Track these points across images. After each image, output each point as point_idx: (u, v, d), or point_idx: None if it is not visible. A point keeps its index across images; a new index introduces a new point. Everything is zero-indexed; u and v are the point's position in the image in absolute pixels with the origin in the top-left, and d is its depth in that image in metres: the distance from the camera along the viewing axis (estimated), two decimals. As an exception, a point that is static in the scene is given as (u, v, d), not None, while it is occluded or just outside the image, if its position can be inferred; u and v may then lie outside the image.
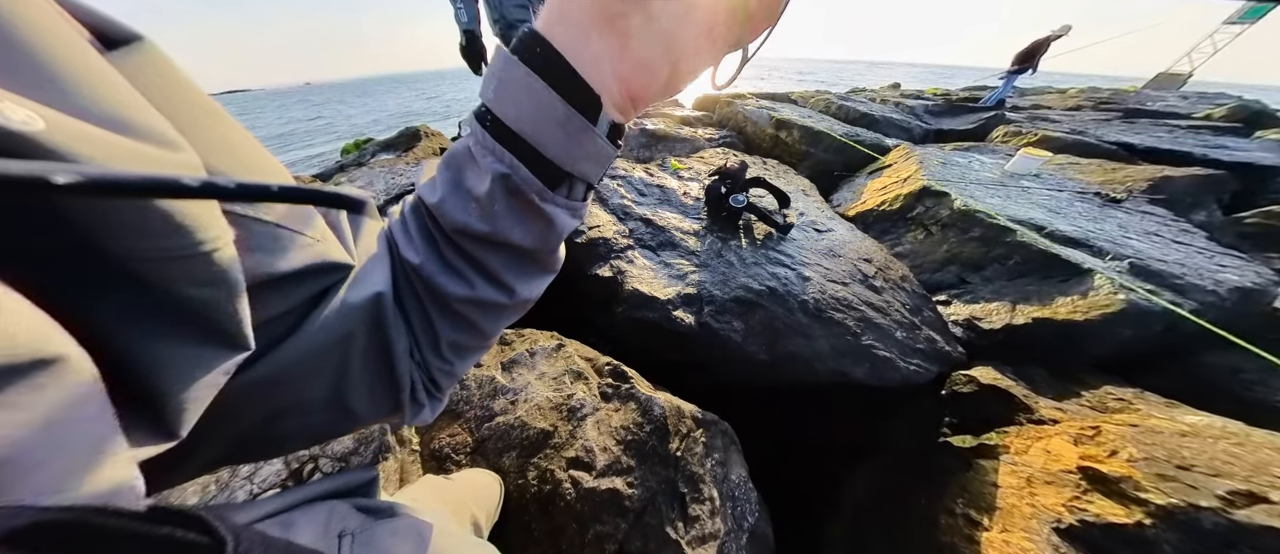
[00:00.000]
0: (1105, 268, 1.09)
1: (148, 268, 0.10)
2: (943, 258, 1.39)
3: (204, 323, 0.11)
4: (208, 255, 0.11)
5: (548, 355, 0.78)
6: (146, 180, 0.08)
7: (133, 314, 0.10)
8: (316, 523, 0.17)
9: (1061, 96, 5.14)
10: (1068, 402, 0.86)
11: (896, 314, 1.05)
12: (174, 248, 0.10)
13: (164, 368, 0.11)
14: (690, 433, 0.67)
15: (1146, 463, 0.60)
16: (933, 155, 2.03)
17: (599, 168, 0.18)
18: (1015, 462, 0.74)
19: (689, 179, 1.65)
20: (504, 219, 0.17)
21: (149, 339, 0.11)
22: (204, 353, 0.12)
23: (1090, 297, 1.02)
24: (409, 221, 0.20)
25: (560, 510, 0.55)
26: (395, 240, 0.19)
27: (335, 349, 0.16)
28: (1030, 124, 3.05)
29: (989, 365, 0.98)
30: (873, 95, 4.45)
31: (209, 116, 0.13)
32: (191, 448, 0.13)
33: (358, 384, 0.18)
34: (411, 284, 0.19)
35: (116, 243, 0.09)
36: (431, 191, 0.18)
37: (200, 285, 0.11)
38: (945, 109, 3.90)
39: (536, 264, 0.20)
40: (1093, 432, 0.70)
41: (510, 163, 0.16)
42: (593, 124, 0.16)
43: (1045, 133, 2.73)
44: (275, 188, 0.11)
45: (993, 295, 1.19)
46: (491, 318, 0.21)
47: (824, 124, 2.70)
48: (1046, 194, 1.63)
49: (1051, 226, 1.31)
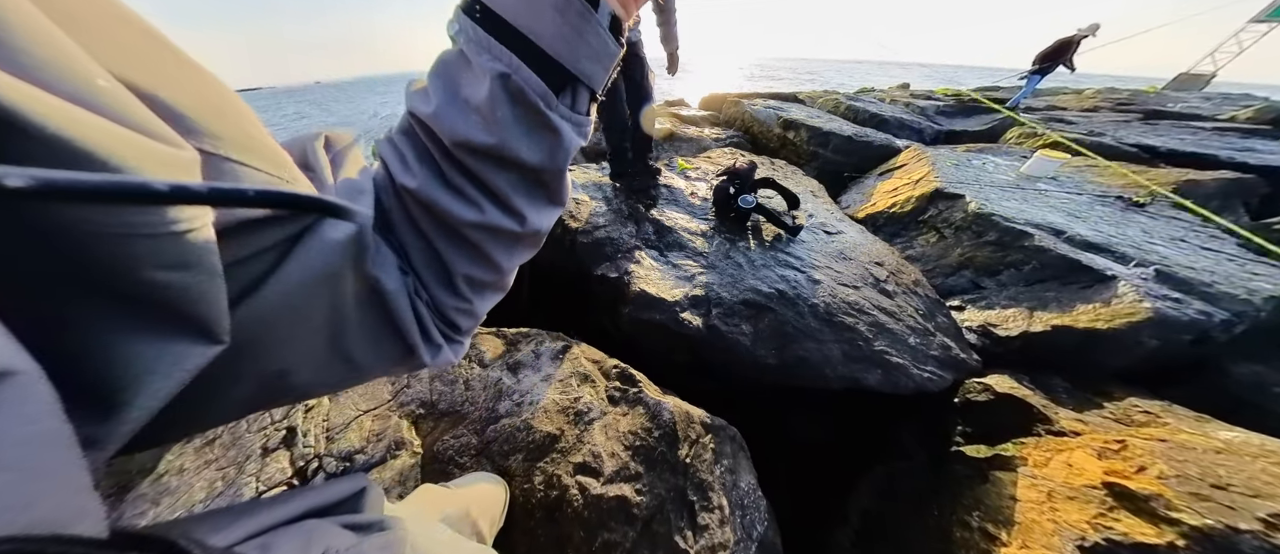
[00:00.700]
0: (1130, 274, 1.05)
1: (110, 245, 0.09)
2: (956, 262, 1.36)
3: (174, 312, 0.10)
4: (179, 235, 0.10)
5: (554, 357, 0.77)
6: (107, 184, 0.08)
7: (93, 302, 0.09)
8: (296, 546, 0.16)
9: (1078, 97, 5.02)
10: (1089, 413, 0.83)
11: (910, 320, 1.02)
12: (140, 224, 0.09)
13: (126, 363, 0.10)
14: (699, 439, 0.66)
15: (1179, 480, 0.57)
16: (945, 157, 1.99)
17: (602, 69, 0.17)
18: (1034, 474, 0.71)
19: (696, 179, 1.63)
20: (509, 129, 0.16)
21: (110, 331, 0.10)
22: (172, 346, 0.11)
23: (1114, 304, 0.98)
24: (401, 144, 0.18)
25: (567, 517, 0.54)
26: (388, 167, 0.18)
27: (320, 292, 0.15)
28: (1045, 126, 2.98)
29: (1005, 374, 0.95)
30: (882, 95, 4.38)
31: (124, 28, 0.11)
32: (191, 408, 0.12)
33: (357, 332, 0.16)
34: (409, 214, 0.18)
35: (75, 215, 0.08)
36: (424, 101, 0.16)
37: (170, 268, 0.10)
38: (957, 110, 3.83)
39: (544, 188, 0.19)
40: (1118, 446, 0.67)
41: (509, 61, 0.15)
42: (593, 10, 0.14)
43: (1061, 134, 2.66)
44: (252, 193, 0.10)
45: (1009, 301, 1.16)
46: (504, 248, 0.19)
47: (832, 124, 2.66)
48: (1065, 197, 1.59)
49: (1071, 231, 1.27)
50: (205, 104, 0.12)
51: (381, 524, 0.21)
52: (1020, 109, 3.82)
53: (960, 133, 3.21)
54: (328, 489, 0.20)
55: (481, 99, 0.15)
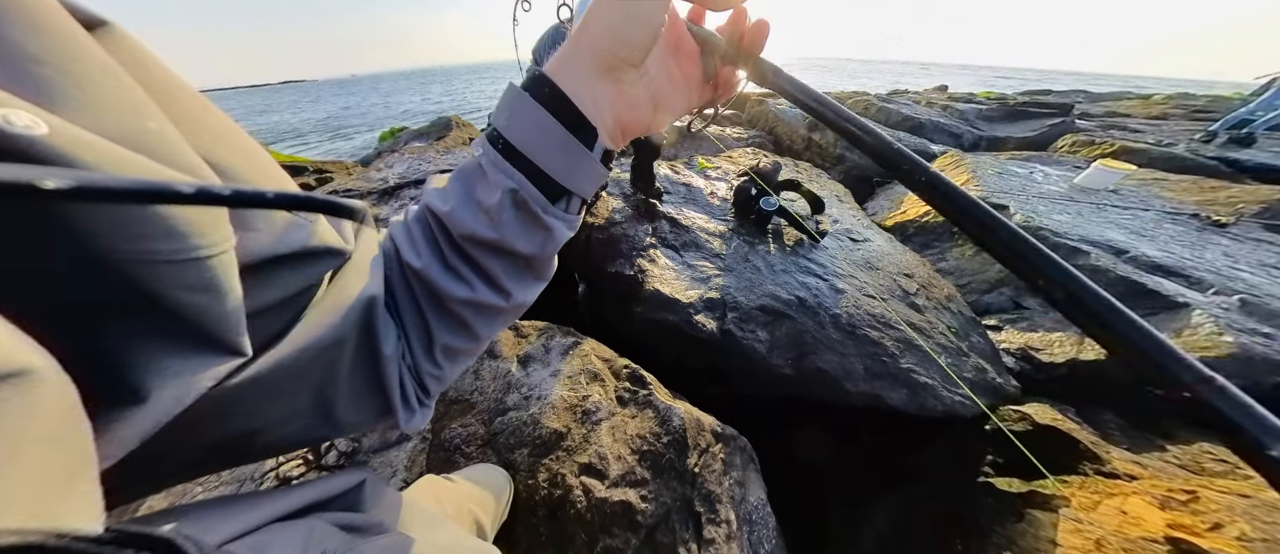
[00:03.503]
0: (1208, 302, 0.93)
1: (138, 271, 0.10)
2: (995, 278, 1.26)
3: (196, 329, 0.11)
4: (203, 261, 0.11)
5: (564, 352, 0.77)
6: (139, 186, 0.08)
7: (117, 316, 0.10)
8: (292, 546, 0.16)
9: (1143, 103, 4.54)
10: (1148, 456, 0.75)
11: (941, 337, 0.95)
12: (166, 251, 0.10)
13: (145, 371, 0.11)
14: (709, 448, 0.64)
15: (1267, 546, 0.50)
16: (987, 164, 1.84)
17: (593, 185, 0.21)
18: (1079, 518, 0.64)
19: (716, 179, 1.58)
20: (510, 227, 0.19)
21: (132, 342, 0.11)
22: (193, 360, 0.12)
23: (1186, 335, 0.88)
24: (413, 228, 0.21)
25: (569, 518, 0.53)
26: (398, 246, 0.21)
27: (327, 353, 0.16)
28: (1103, 133, 2.72)
29: (1046, 403, 0.87)
30: (917, 98, 4.11)
31: (188, 98, 0.13)
32: (161, 457, 0.12)
33: (344, 390, 0.18)
34: (410, 288, 0.21)
35: (108, 245, 0.09)
36: (443, 201, 0.20)
37: (193, 290, 0.11)
38: (1001, 114, 3.54)
39: (532, 270, 0.22)
40: (1187, 497, 0.60)
41: (518, 180, 0.18)
42: (589, 150, 0.19)
43: (1124, 143, 2.41)
44: (271, 195, 0.10)
45: (1055, 324, 1.06)
46: (486, 320, 0.22)
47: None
48: (1127, 213, 1.44)
49: (1135, 250, 1.15)
50: (251, 164, 0.14)
51: (380, 527, 0.21)
52: (1259, 128, 2.51)
53: (1004, 139, 2.97)
54: (326, 483, 0.21)
55: (491, 203, 0.19)
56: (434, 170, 1.54)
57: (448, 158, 1.61)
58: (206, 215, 0.11)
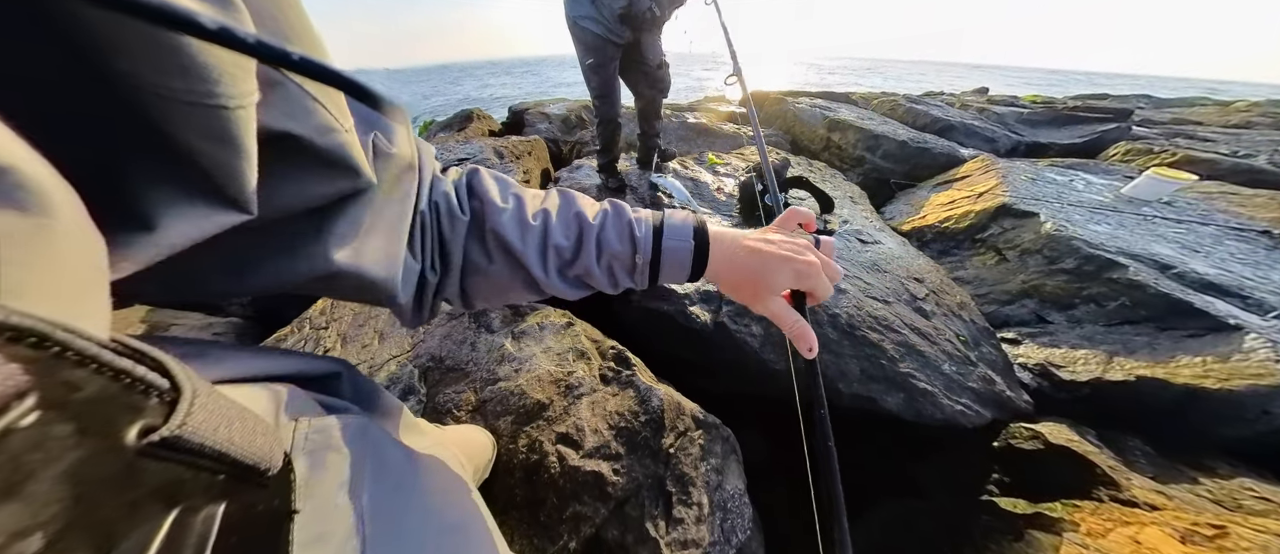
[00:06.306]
0: (1266, 327, 0.84)
1: (152, 103, 0.09)
2: (1018, 289, 1.18)
3: (206, 177, 0.11)
4: (222, 110, 0.10)
5: (556, 331, 0.79)
6: (156, 4, 0.08)
7: (128, 146, 0.10)
8: (268, 406, 0.16)
9: (1221, 110, 4.04)
10: (1175, 486, 0.68)
11: (947, 344, 0.91)
12: (186, 91, 0.10)
13: (154, 204, 0.11)
14: (687, 431, 0.64)
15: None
16: (1020, 170, 1.72)
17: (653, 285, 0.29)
18: (1086, 544, 0.60)
19: (725, 175, 1.58)
20: (562, 287, 0.27)
21: (143, 174, 0.10)
22: (200, 205, 0.11)
23: (1234, 360, 0.79)
24: (462, 196, 0.25)
25: (543, 482, 0.56)
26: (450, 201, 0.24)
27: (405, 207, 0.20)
28: (1166, 141, 2.46)
29: (1063, 423, 0.81)
30: (951, 99, 3.87)
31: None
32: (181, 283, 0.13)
33: (418, 242, 0.22)
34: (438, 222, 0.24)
35: (127, 65, 0.09)
36: (519, 237, 0.25)
37: (209, 140, 0.10)
38: (1046, 119, 3.28)
39: (534, 292, 0.27)
40: (1214, 532, 0.54)
41: (640, 266, 0.27)
42: (692, 279, 0.28)
43: (1189, 153, 2.17)
44: (296, 57, 0.10)
45: (1081, 341, 0.98)
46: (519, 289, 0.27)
47: (885, 128, 2.42)
48: (1181, 227, 1.30)
49: (1184, 267, 1.04)
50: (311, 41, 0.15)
51: (350, 410, 0.21)
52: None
53: (1047, 145, 2.75)
54: (312, 362, 0.21)
55: (568, 259, 0.26)
56: (454, 160, 1.62)
57: (466, 148, 1.69)
58: (231, 64, 0.10)
